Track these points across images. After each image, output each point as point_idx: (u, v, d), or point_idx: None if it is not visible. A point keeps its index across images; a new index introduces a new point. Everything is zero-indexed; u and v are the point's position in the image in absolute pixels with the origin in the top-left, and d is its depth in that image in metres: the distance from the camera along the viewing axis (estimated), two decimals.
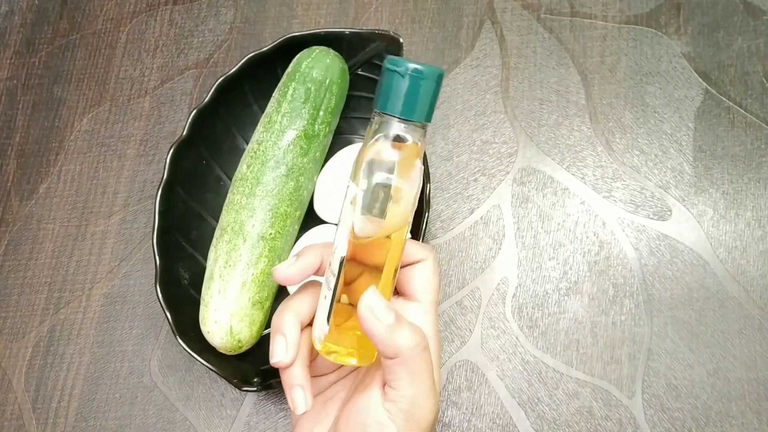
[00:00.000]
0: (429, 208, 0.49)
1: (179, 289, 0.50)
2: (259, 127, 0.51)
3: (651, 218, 0.53)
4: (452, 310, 0.52)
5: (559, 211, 0.54)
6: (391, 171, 0.35)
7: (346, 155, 0.53)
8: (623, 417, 0.48)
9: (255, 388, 0.46)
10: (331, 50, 0.53)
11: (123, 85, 0.61)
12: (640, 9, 0.59)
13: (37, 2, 0.65)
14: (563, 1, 0.60)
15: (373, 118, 0.35)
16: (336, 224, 0.41)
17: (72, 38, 0.63)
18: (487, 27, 0.60)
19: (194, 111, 0.52)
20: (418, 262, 0.39)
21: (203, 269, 0.50)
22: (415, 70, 0.34)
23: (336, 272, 0.35)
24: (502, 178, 0.55)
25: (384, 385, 0.36)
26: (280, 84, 0.52)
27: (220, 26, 0.62)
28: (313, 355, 0.40)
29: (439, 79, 0.35)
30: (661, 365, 0.49)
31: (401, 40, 0.52)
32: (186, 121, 0.52)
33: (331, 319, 0.36)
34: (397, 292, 0.40)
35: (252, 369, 0.48)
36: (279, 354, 0.36)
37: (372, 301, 0.34)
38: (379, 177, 0.35)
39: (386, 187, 0.34)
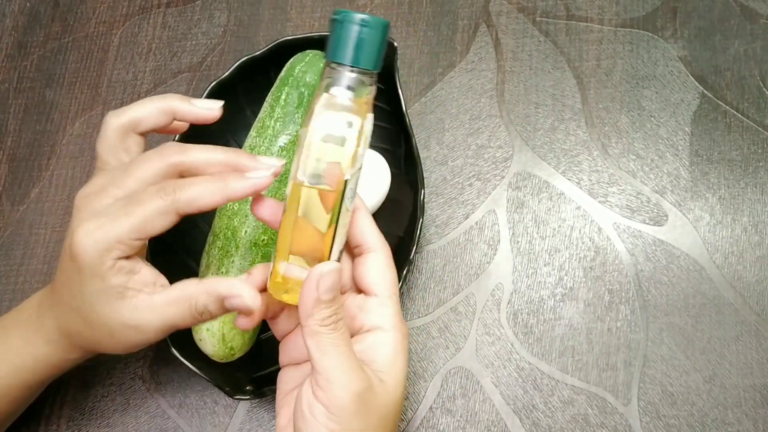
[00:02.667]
0: (423, 214, 0.49)
1: None
2: (252, 132, 0.50)
3: (647, 223, 0.53)
4: (447, 317, 0.52)
5: (555, 217, 0.54)
6: (338, 118, 0.36)
7: None
8: (619, 424, 0.48)
9: (248, 397, 0.46)
10: None
11: (116, 89, 0.61)
12: (636, 12, 0.58)
13: (29, 5, 0.64)
14: (559, 4, 0.59)
15: (325, 69, 0.37)
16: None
17: (64, 41, 0.63)
18: (483, 30, 0.59)
19: None
20: (371, 250, 0.40)
21: (196, 276, 0.49)
22: (362, 20, 0.36)
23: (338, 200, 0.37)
24: (497, 183, 0.55)
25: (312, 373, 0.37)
26: (273, 88, 0.51)
27: (214, 29, 0.62)
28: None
29: (385, 28, 0.36)
30: (656, 372, 0.49)
31: (395, 44, 0.51)
32: None
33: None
34: (358, 289, 0.41)
35: (245, 377, 0.48)
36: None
37: (326, 274, 0.36)
38: (328, 123, 0.36)
39: (334, 132, 0.36)
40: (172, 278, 0.50)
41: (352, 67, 0.36)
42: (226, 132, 0.55)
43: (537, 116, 0.56)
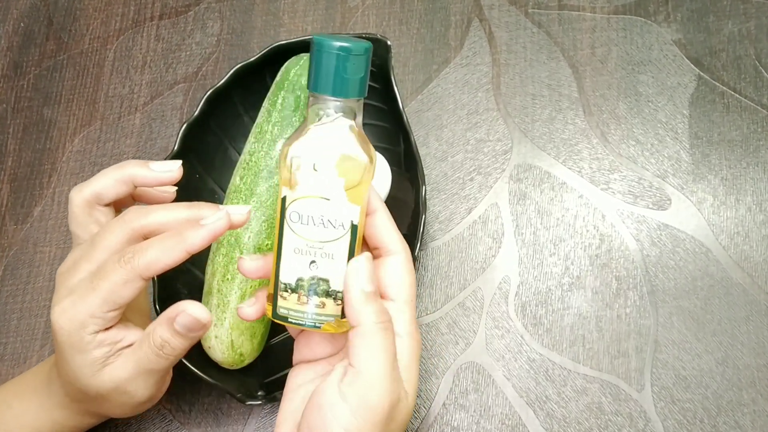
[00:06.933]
0: (426, 210, 0.49)
1: None
2: (251, 138, 0.50)
3: (650, 208, 0.53)
4: (455, 312, 0.52)
5: (558, 206, 0.53)
6: (330, 149, 0.36)
7: None
8: (633, 411, 0.48)
9: (259, 402, 0.46)
10: None
11: (113, 103, 0.61)
12: None
13: (22, 25, 0.65)
14: None
15: (309, 99, 0.37)
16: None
17: (59, 59, 0.63)
18: (475, 25, 0.59)
19: (184, 125, 0.52)
20: (391, 254, 0.39)
21: (201, 284, 0.50)
22: (340, 48, 0.35)
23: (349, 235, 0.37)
24: (498, 176, 0.55)
25: (345, 370, 0.36)
26: (269, 93, 0.51)
27: (207, 39, 0.62)
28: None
29: (367, 52, 0.36)
30: (668, 356, 0.49)
31: (389, 43, 0.51)
32: (177, 136, 0.52)
33: None
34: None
35: (256, 382, 0.48)
36: (246, 304, 0.40)
37: (361, 264, 0.36)
38: (320, 156, 0.36)
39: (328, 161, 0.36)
40: (179, 288, 0.50)
41: (335, 98, 0.36)
42: (224, 140, 0.55)
43: (534, 107, 0.56)
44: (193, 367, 0.46)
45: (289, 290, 0.37)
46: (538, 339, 0.50)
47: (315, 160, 0.36)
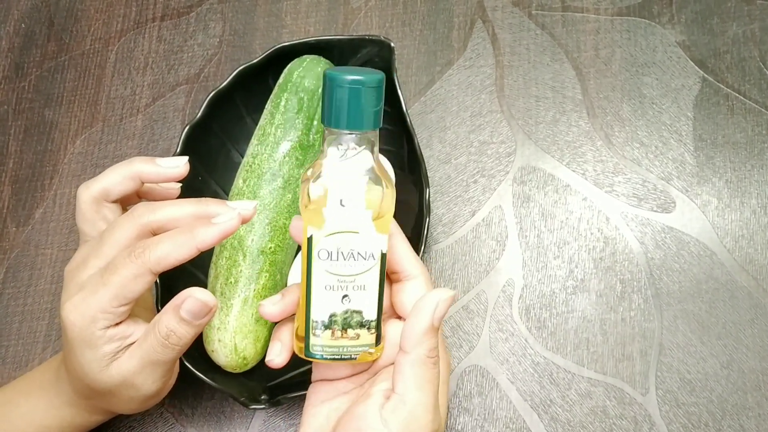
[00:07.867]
0: (429, 213, 0.49)
1: None
2: (254, 140, 0.50)
3: (655, 211, 0.52)
4: (459, 315, 0.51)
5: (562, 209, 0.53)
6: (355, 183, 0.36)
7: None
8: (638, 415, 0.48)
9: (263, 406, 0.46)
10: (322, 58, 0.52)
11: (114, 105, 0.61)
12: (631, 0, 0.58)
13: (23, 26, 0.64)
14: None
15: (324, 133, 0.36)
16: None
17: (61, 60, 0.63)
18: (479, 26, 0.59)
19: (187, 127, 0.51)
20: (411, 278, 0.38)
21: (204, 287, 0.49)
22: (354, 81, 0.34)
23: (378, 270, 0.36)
24: (501, 179, 0.54)
25: (386, 395, 0.36)
26: (272, 95, 0.51)
27: (209, 40, 0.62)
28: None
29: (379, 84, 0.35)
30: (673, 360, 0.49)
31: (392, 45, 0.51)
32: (179, 138, 0.51)
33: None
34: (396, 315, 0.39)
35: (259, 386, 0.48)
36: (273, 354, 0.38)
37: (444, 300, 0.36)
38: (335, 192, 0.35)
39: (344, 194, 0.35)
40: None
41: (350, 132, 0.35)
42: (227, 142, 0.54)
43: (538, 109, 0.56)
44: (196, 371, 0.46)
45: (322, 327, 0.37)
46: (542, 342, 0.50)
47: (342, 195, 0.36)
